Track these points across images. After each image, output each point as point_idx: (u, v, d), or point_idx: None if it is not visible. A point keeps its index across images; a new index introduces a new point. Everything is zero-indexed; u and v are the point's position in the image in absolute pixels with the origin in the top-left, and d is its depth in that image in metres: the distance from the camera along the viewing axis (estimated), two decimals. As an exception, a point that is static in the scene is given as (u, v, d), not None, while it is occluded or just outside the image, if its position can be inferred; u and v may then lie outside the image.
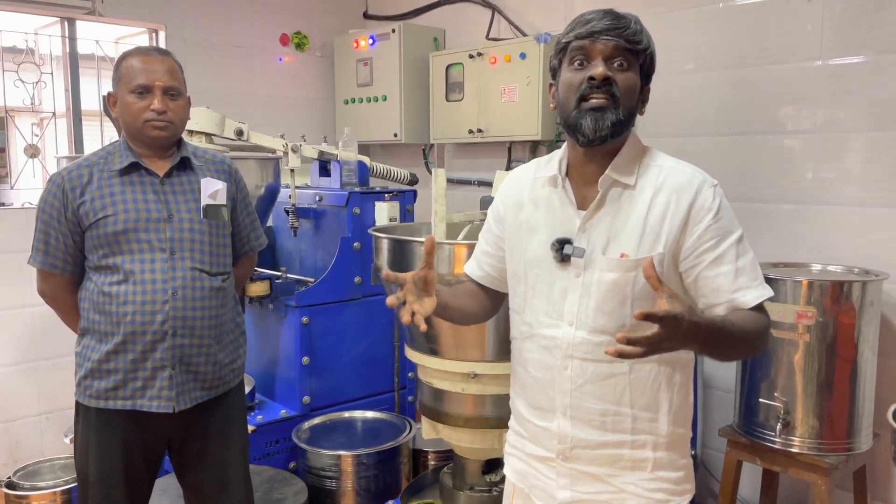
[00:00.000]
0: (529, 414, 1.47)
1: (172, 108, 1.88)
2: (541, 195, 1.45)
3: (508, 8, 3.66)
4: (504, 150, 3.68)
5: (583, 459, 1.40)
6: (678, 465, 1.42)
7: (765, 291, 1.33)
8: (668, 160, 1.40)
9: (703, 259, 1.32)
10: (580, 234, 1.36)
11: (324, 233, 3.24)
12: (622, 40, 1.31)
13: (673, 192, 1.33)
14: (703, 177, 1.36)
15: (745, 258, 1.33)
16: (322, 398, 3.03)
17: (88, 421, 1.92)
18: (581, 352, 1.36)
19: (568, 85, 1.34)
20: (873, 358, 2.32)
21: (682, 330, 1.12)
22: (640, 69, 1.35)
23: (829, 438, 2.29)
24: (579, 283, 1.36)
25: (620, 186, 1.36)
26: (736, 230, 1.34)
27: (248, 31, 3.95)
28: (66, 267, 1.91)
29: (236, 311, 2.07)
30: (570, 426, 1.39)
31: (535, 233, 1.43)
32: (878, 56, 2.47)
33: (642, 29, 1.35)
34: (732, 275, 1.31)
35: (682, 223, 1.32)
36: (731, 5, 2.83)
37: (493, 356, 2.20)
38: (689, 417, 1.45)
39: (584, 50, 1.32)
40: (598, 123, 1.30)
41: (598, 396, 1.37)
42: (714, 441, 2.85)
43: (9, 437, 3.28)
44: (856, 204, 2.56)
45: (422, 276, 1.35)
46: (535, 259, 1.42)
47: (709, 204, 1.32)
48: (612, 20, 1.32)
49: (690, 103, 2.98)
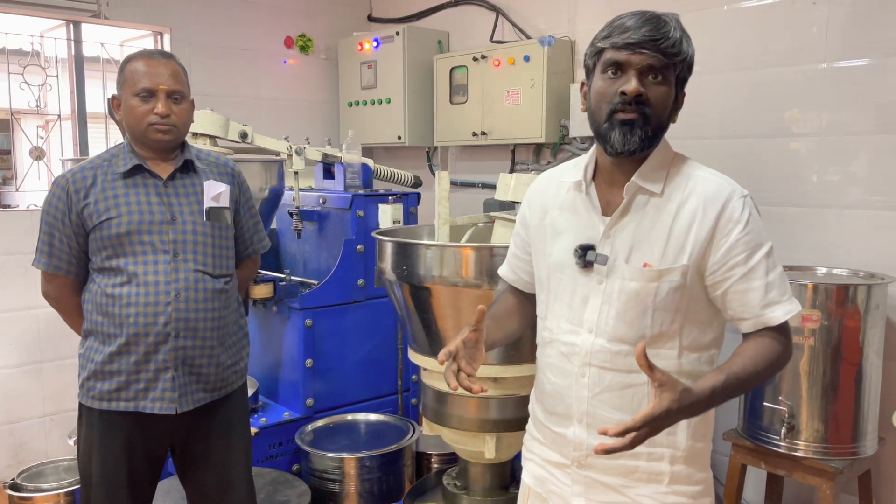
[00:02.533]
0: (547, 420, 1.46)
1: (176, 112, 1.88)
2: (566, 199, 1.42)
3: (512, 11, 3.66)
4: (508, 153, 3.68)
5: (597, 468, 1.38)
6: (696, 479, 1.39)
7: (793, 307, 1.30)
8: (698, 169, 1.36)
9: (734, 273, 1.28)
10: (604, 241, 1.34)
11: (327, 235, 3.24)
12: (659, 54, 1.25)
13: (700, 203, 1.29)
14: (732, 187, 1.31)
15: (775, 272, 1.30)
16: (325, 400, 3.03)
17: (91, 422, 1.92)
18: (599, 360, 1.34)
19: (600, 95, 1.29)
20: (878, 361, 2.31)
21: (674, 415, 1.16)
22: (676, 77, 1.30)
23: (834, 442, 2.28)
24: (601, 291, 1.34)
25: (647, 194, 1.33)
26: (766, 243, 1.30)
27: (252, 34, 3.96)
28: (69, 269, 1.92)
29: (239, 313, 2.07)
30: (585, 434, 1.37)
31: (559, 238, 1.41)
32: (883, 59, 2.46)
33: (682, 36, 1.28)
34: (763, 290, 1.28)
35: (709, 235, 1.28)
36: (736, 8, 2.82)
37: (497, 359, 2.20)
38: (709, 431, 1.42)
39: (618, 62, 1.27)
40: (627, 138, 1.27)
41: (616, 406, 1.34)
42: (718, 445, 2.83)
43: (13, 438, 3.29)
44: (861, 207, 2.55)
45: (472, 338, 1.35)
46: (558, 264, 1.40)
47: (737, 215, 1.28)
48: (652, 30, 1.25)
49: (695, 106, 2.94)
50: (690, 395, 1.17)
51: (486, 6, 3.77)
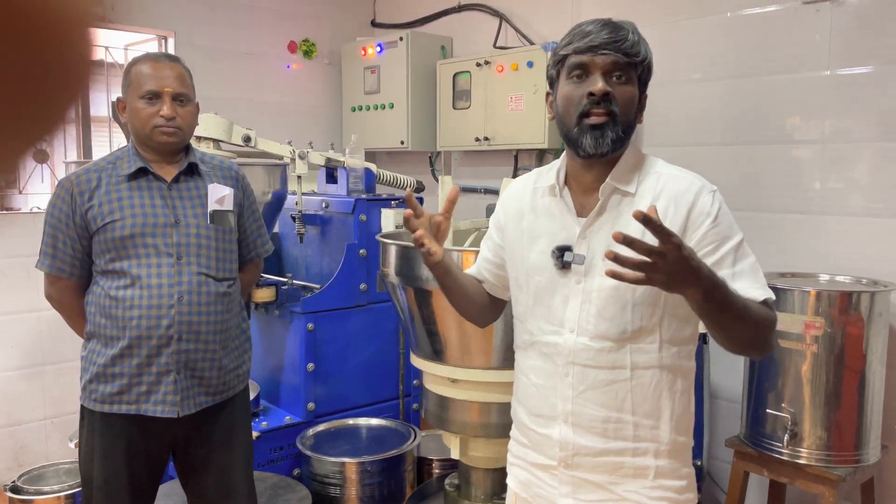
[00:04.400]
0: (531, 422, 1.47)
1: (181, 114, 1.89)
2: (541, 204, 1.46)
3: (516, 17, 3.67)
4: (510, 158, 3.69)
5: (584, 467, 1.40)
6: (680, 473, 1.41)
7: (767, 293, 1.32)
8: (666, 167, 1.40)
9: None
10: (580, 241, 1.37)
11: (330, 239, 3.24)
12: (621, 54, 1.30)
13: (672, 199, 1.33)
14: (701, 182, 1.36)
15: (745, 262, 1.32)
16: (327, 405, 3.03)
17: (93, 425, 1.92)
18: (582, 358, 1.37)
19: (567, 99, 1.34)
20: (881, 369, 2.30)
21: (680, 256, 1.10)
22: (639, 79, 1.36)
23: (836, 450, 2.27)
24: (580, 290, 1.37)
25: (620, 194, 1.37)
26: (735, 235, 1.33)
27: (256, 39, 3.97)
28: (73, 271, 1.92)
29: (241, 317, 2.07)
30: (571, 433, 1.39)
31: (536, 241, 1.44)
32: (885, 66, 2.47)
33: (640, 39, 1.34)
34: (730, 278, 1.29)
35: (681, 229, 1.31)
36: (739, 15, 2.83)
37: (498, 363, 2.20)
38: (690, 425, 1.44)
39: (582, 64, 1.32)
40: (599, 141, 1.31)
41: (600, 403, 1.37)
42: (721, 452, 2.84)
43: (14, 440, 3.28)
44: (863, 214, 2.55)
45: (437, 221, 1.44)
46: (536, 267, 1.43)
47: (707, 209, 1.32)
48: (611, 33, 1.31)
49: (698, 112, 2.98)
50: (693, 252, 1.15)
51: (489, 12, 3.78)
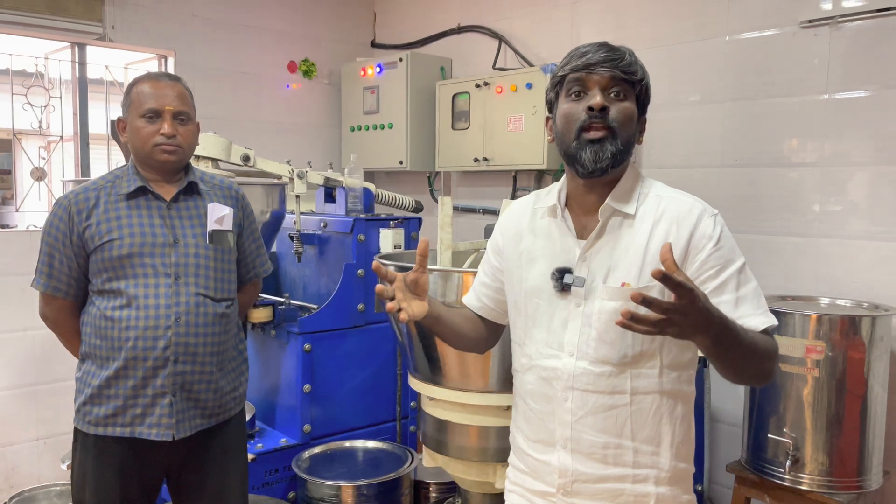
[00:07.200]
0: (529, 448, 1.45)
1: (182, 133, 1.89)
2: (540, 226, 1.45)
3: (515, 38, 3.69)
4: (509, 179, 3.69)
5: (584, 494, 1.37)
6: (681, 500, 1.39)
7: (769, 319, 1.31)
8: (666, 190, 1.40)
9: (705, 288, 1.29)
10: (580, 264, 1.36)
11: (328, 259, 3.23)
12: (618, 71, 1.32)
13: (673, 222, 1.33)
14: (703, 206, 1.36)
15: (747, 287, 1.32)
16: (323, 427, 2.99)
17: (87, 448, 1.89)
18: (582, 383, 1.35)
19: (566, 116, 1.35)
20: (883, 394, 2.29)
21: (696, 309, 1.08)
22: (637, 100, 1.37)
23: (838, 476, 2.25)
24: (580, 313, 1.35)
25: (620, 216, 1.37)
26: (738, 259, 1.33)
27: (256, 58, 3.98)
28: (69, 290, 1.90)
29: (239, 338, 2.05)
30: (570, 459, 1.37)
31: (535, 263, 1.43)
32: (884, 90, 2.48)
33: (636, 60, 1.36)
34: (733, 304, 1.29)
35: (683, 252, 1.31)
36: (737, 39, 2.85)
37: (498, 387, 2.18)
38: (691, 452, 1.42)
39: (580, 81, 1.33)
40: (598, 155, 1.31)
41: (600, 429, 1.35)
42: (722, 477, 2.81)
43: (5, 462, 3.24)
44: (862, 237, 2.55)
45: (413, 278, 1.38)
46: (535, 289, 1.41)
47: (710, 232, 1.31)
48: (608, 52, 1.33)
49: (697, 135, 2.99)
50: (710, 303, 1.13)
51: (488, 34, 3.80)
